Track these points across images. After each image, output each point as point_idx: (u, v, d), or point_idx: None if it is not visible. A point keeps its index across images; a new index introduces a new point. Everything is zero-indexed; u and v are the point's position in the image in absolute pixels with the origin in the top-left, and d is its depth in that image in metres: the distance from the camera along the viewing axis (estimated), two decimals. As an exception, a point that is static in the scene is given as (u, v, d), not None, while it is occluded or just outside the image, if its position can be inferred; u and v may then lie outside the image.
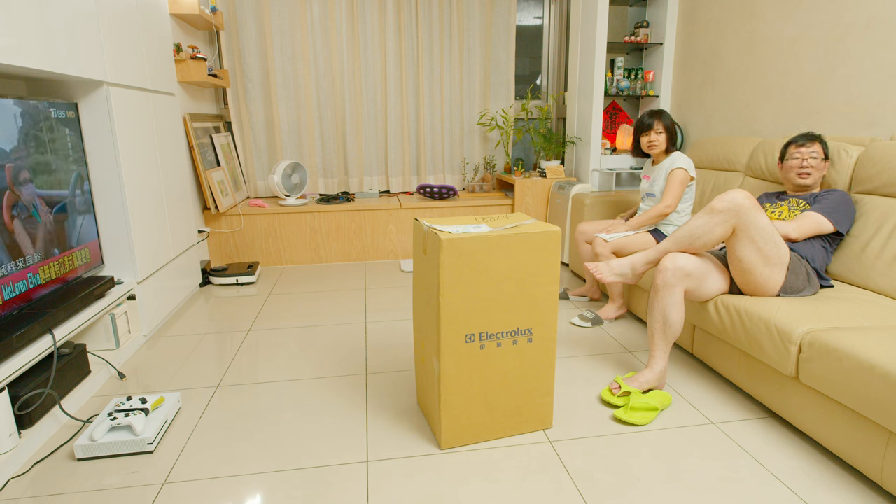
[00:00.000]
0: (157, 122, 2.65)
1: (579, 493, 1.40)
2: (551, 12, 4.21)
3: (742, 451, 1.57)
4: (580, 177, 3.82)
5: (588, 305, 2.84)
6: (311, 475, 1.49)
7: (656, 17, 3.71)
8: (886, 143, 2.06)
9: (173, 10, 2.99)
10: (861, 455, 1.40)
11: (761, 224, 1.75)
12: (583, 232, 2.80)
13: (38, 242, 1.81)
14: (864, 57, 2.33)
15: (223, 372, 2.11)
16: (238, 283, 3.28)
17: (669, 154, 2.64)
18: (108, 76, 2.16)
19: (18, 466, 1.54)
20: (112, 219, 2.27)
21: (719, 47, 3.21)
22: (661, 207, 2.52)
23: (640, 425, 1.71)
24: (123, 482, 1.47)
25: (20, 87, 2.09)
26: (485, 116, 4.17)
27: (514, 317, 1.54)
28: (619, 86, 3.77)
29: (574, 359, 2.19)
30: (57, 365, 1.74)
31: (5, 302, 1.63)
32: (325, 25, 3.83)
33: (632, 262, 1.97)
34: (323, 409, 1.83)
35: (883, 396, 1.30)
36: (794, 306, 1.71)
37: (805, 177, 2.11)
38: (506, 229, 1.51)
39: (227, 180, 3.54)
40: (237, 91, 3.81)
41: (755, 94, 2.96)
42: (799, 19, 2.65)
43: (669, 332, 1.83)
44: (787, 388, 1.64)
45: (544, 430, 1.69)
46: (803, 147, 2.12)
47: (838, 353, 1.42)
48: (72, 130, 2.05)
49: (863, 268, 1.96)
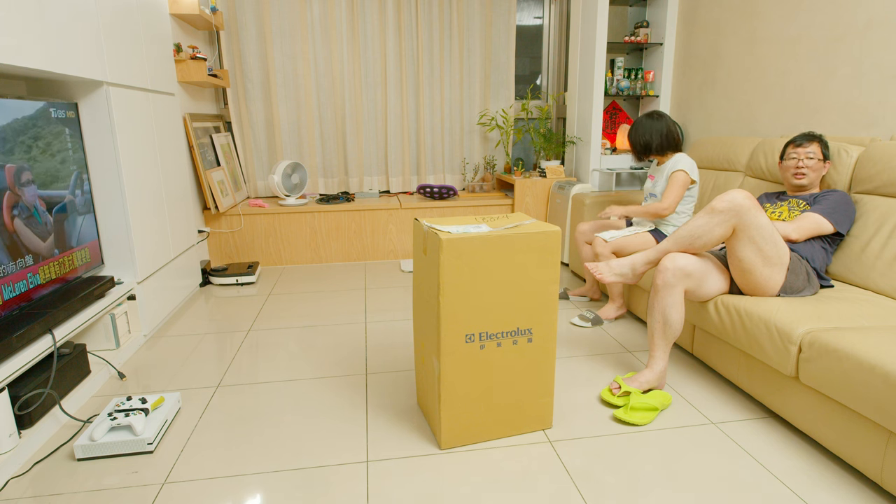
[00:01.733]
0: (157, 122, 2.65)
1: (579, 493, 1.40)
2: (551, 12, 4.21)
3: (742, 451, 1.57)
4: (580, 177, 3.82)
5: (588, 305, 2.84)
6: (311, 475, 1.49)
7: (656, 17, 3.71)
8: (886, 143, 2.06)
9: (173, 10, 2.99)
10: (861, 455, 1.40)
11: (761, 224, 1.75)
12: (583, 232, 2.80)
13: (38, 242, 1.81)
14: (864, 57, 2.33)
15: (223, 372, 2.11)
16: (238, 283, 3.28)
17: (673, 155, 2.64)
18: (108, 76, 2.16)
19: (18, 466, 1.54)
20: (112, 219, 2.27)
21: (719, 47, 3.21)
22: (658, 207, 2.51)
23: (640, 425, 1.71)
24: (123, 482, 1.47)
25: (20, 87, 2.09)
26: (485, 116, 4.17)
27: (514, 317, 1.54)
28: (619, 86, 3.77)
29: (574, 359, 2.19)
30: (57, 365, 1.74)
31: (5, 302, 1.63)
32: (325, 25, 3.83)
33: (632, 262, 1.97)
34: (323, 409, 1.83)
35: (883, 396, 1.30)
36: (794, 306, 1.71)
37: (800, 177, 2.11)
38: (506, 229, 1.51)
39: (227, 180, 3.55)
40: (237, 91, 3.81)
41: (755, 94, 2.96)
42: (799, 19, 2.65)
43: (669, 332, 1.83)
44: (787, 388, 1.64)
45: (544, 429, 1.69)
46: (800, 147, 2.12)
47: (838, 353, 1.42)
48: (72, 130, 2.05)
49: (863, 268, 1.96)
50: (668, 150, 2.58)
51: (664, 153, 2.59)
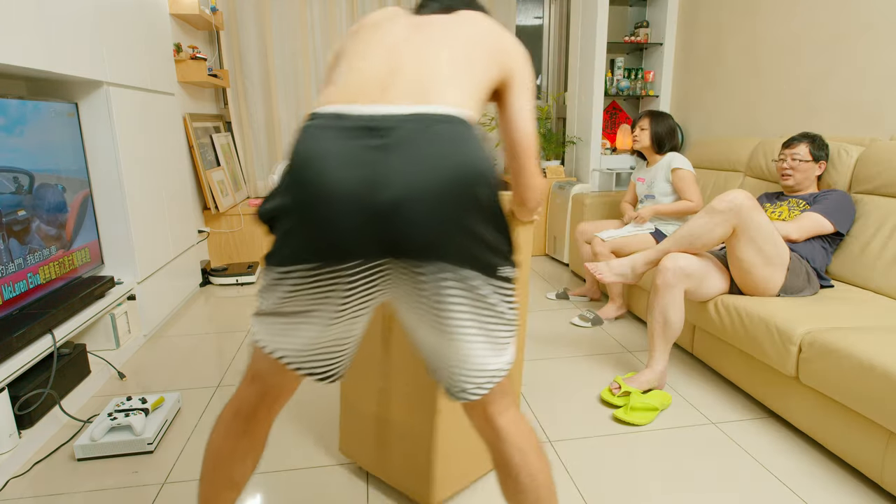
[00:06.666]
0: (158, 123, 2.65)
1: (579, 493, 1.40)
2: (551, 12, 4.21)
3: (742, 451, 1.57)
4: (580, 177, 3.82)
5: (588, 305, 2.84)
6: (311, 475, 1.49)
7: (656, 17, 3.71)
8: (886, 143, 2.06)
9: (173, 10, 2.99)
10: (861, 455, 1.40)
11: (761, 224, 1.75)
12: (583, 232, 2.80)
13: (38, 242, 1.81)
14: (864, 57, 2.33)
15: (223, 372, 2.11)
16: (238, 283, 3.28)
17: (663, 155, 2.66)
18: (108, 76, 2.16)
19: (18, 466, 1.54)
20: (112, 219, 2.27)
21: (720, 47, 3.21)
22: (689, 205, 2.54)
23: (640, 425, 1.71)
24: (123, 482, 1.47)
25: (20, 87, 2.09)
26: (485, 116, 4.17)
27: None
28: (619, 86, 3.77)
29: (574, 359, 2.19)
30: (57, 365, 1.74)
31: (5, 302, 1.63)
32: (325, 25, 3.83)
33: (632, 262, 1.97)
34: (323, 408, 1.83)
35: (883, 396, 1.30)
36: (794, 306, 1.71)
37: (786, 178, 2.13)
38: None
39: (227, 180, 3.55)
40: (237, 91, 3.81)
41: (755, 94, 2.96)
42: (799, 19, 2.65)
43: (669, 332, 1.83)
44: (787, 388, 1.64)
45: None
46: (788, 148, 2.14)
47: (838, 353, 1.42)
48: (72, 130, 2.05)
49: (863, 268, 1.96)
50: (671, 148, 2.63)
51: (666, 151, 2.63)
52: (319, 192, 0.77)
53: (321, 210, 0.77)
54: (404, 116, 0.79)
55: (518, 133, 0.98)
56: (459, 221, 0.78)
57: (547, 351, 2.26)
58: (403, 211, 0.76)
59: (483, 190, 0.80)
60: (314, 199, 0.77)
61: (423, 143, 0.77)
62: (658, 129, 2.63)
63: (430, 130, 0.79)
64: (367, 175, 0.76)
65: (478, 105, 0.89)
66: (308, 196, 0.77)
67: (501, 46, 0.96)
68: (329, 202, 0.76)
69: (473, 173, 0.79)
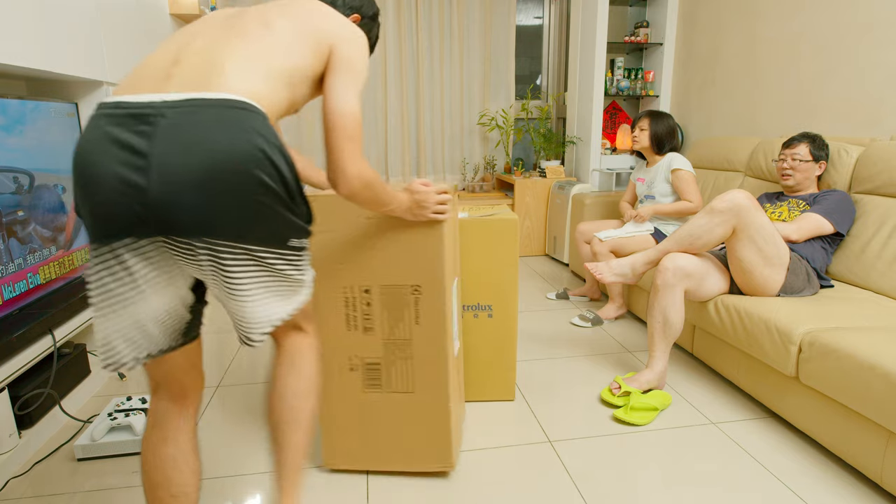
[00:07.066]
0: (157, 122, 2.65)
1: (579, 493, 1.40)
2: (551, 12, 4.21)
3: (742, 451, 1.57)
4: (580, 177, 3.82)
5: (588, 305, 2.84)
6: (310, 475, 1.49)
7: (656, 17, 3.71)
8: (886, 143, 2.06)
9: (173, 10, 2.99)
10: (861, 455, 1.40)
11: (761, 224, 1.75)
12: (583, 232, 2.80)
13: (37, 242, 1.81)
14: (864, 57, 2.33)
15: (223, 372, 2.11)
16: (238, 283, 3.28)
17: (663, 155, 2.67)
18: (108, 76, 2.16)
19: (18, 466, 1.54)
20: (112, 219, 2.27)
21: (719, 47, 3.21)
22: (689, 206, 2.54)
23: (640, 425, 1.71)
24: (123, 482, 1.47)
25: (20, 87, 2.09)
26: (485, 116, 4.17)
27: (475, 293, 1.75)
28: (619, 86, 3.77)
29: (574, 359, 2.19)
30: (57, 365, 1.74)
31: (5, 302, 1.63)
32: (324, 25, 3.83)
33: (632, 262, 1.97)
34: (323, 409, 1.83)
35: (883, 396, 1.30)
36: (794, 306, 1.72)
37: (786, 178, 2.13)
38: (478, 217, 1.71)
39: (227, 180, 3.54)
40: (237, 91, 3.81)
41: (755, 94, 2.96)
42: (799, 19, 2.65)
43: (669, 332, 1.83)
44: (787, 388, 1.64)
45: (509, 400, 1.69)
46: (788, 148, 2.14)
47: (838, 353, 1.42)
48: (72, 130, 2.05)
49: (863, 268, 1.96)
50: (671, 148, 2.64)
51: (665, 151, 2.64)
52: (88, 178, 0.83)
53: (89, 194, 0.83)
54: (175, 102, 0.83)
55: (326, 110, 0.97)
56: (225, 201, 0.83)
57: (547, 351, 2.26)
58: (164, 195, 0.80)
59: (259, 170, 0.84)
60: (83, 182, 0.83)
61: (186, 129, 0.81)
62: (658, 129, 2.63)
63: (196, 116, 0.82)
64: (130, 160, 0.81)
65: (277, 92, 0.91)
66: (79, 180, 0.84)
67: (323, 29, 0.98)
68: (96, 186, 0.82)
69: (238, 156, 0.82)
